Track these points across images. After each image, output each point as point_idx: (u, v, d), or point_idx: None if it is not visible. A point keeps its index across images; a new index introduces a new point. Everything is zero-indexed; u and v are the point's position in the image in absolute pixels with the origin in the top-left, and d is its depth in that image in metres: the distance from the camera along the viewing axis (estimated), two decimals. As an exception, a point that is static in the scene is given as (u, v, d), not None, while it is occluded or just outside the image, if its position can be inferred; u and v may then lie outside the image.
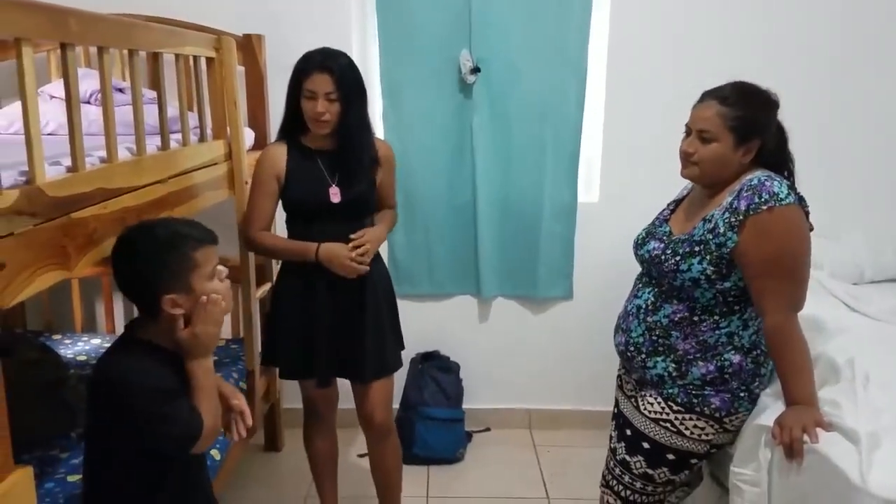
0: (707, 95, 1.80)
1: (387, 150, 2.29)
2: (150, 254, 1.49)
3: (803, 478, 1.60)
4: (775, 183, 1.71)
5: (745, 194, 1.71)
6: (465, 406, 3.16)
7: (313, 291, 2.19)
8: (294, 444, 3.15)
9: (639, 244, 1.95)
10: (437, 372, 3.08)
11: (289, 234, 2.26)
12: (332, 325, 2.20)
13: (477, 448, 3.17)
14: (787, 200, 1.68)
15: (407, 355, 2.53)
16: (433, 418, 2.97)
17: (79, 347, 2.86)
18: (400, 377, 2.62)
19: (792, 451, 1.61)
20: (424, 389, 3.00)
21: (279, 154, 2.19)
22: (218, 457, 2.30)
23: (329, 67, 2.06)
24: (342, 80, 2.07)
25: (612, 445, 2.00)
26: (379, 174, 2.26)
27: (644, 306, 1.87)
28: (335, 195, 2.16)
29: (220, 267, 1.58)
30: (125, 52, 1.80)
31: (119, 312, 3.11)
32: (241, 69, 2.73)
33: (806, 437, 1.60)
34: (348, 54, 2.16)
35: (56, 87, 2.48)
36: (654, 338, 1.84)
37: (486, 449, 3.16)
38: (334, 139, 2.16)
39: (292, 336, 2.24)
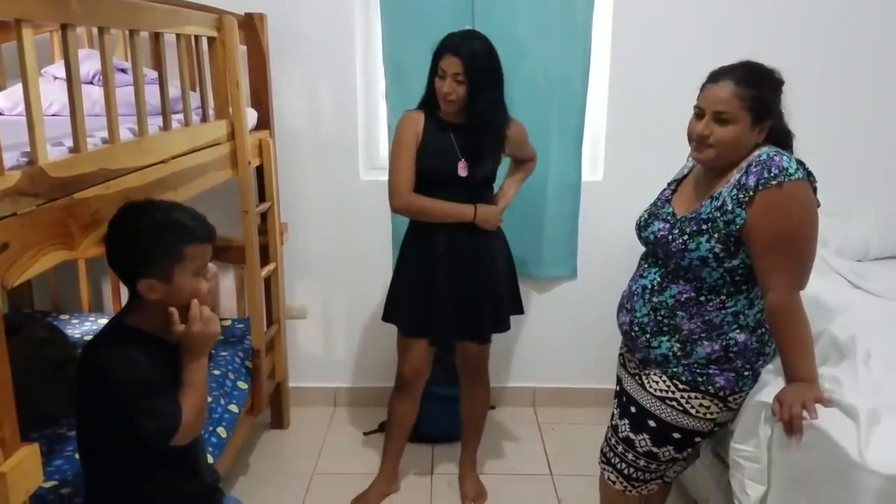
0: (720, 75, 1.75)
1: (517, 130, 2.43)
2: (140, 235, 1.49)
3: (803, 454, 1.61)
4: (784, 158, 1.68)
5: (753, 170, 1.69)
6: (469, 384, 3.18)
7: (437, 258, 2.37)
8: (300, 422, 3.20)
9: (642, 226, 1.93)
10: (443, 351, 3.09)
11: None
12: (454, 290, 2.38)
13: (481, 426, 3.19)
14: (797, 176, 1.66)
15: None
16: (438, 396, 2.98)
17: (86, 327, 2.88)
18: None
19: (791, 427, 1.61)
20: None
21: (418, 118, 2.35)
22: (224, 434, 2.33)
23: (460, 52, 2.21)
24: (471, 64, 2.20)
25: (613, 422, 2.00)
26: (507, 149, 2.43)
27: (650, 286, 1.86)
28: (463, 169, 2.32)
29: (211, 266, 1.58)
30: (126, 32, 1.79)
31: (126, 293, 3.13)
32: (243, 48, 2.72)
33: (805, 414, 1.60)
34: (486, 39, 2.28)
35: (59, 68, 2.48)
36: (660, 318, 1.84)
37: (491, 427, 3.18)
38: (465, 116, 2.31)
39: (414, 299, 2.41)
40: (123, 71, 2.29)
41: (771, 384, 1.74)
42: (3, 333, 1.22)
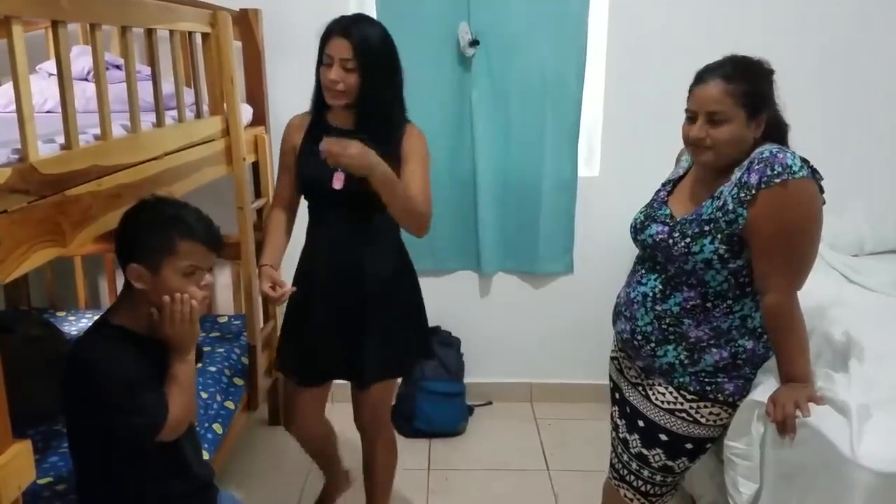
0: (707, 74, 1.69)
1: (417, 141, 1.99)
2: (144, 221, 1.53)
3: (795, 451, 1.60)
4: (788, 155, 1.63)
5: (756, 167, 1.63)
6: (466, 380, 3.19)
7: (317, 292, 2.04)
8: (297, 418, 3.20)
9: (638, 229, 1.85)
10: (438, 347, 3.09)
11: (308, 218, 2.10)
12: (332, 329, 2.04)
13: (478, 421, 3.20)
14: (801, 173, 1.61)
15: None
16: (434, 392, 3.00)
17: (83, 324, 2.88)
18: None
19: (785, 427, 1.61)
20: (425, 364, 3.02)
21: (299, 126, 2.06)
22: (220, 430, 2.33)
23: (349, 32, 1.85)
24: (362, 47, 1.84)
25: (621, 436, 1.90)
26: (401, 163, 1.96)
27: (651, 294, 1.79)
28: (338, 180, 1.90)
29: (207, 276, 1.57)
30: (119, 28, 1.79)
31: (122, 289, 3.13)
32: (237, 44, 2.72)
33: (798, 412, 1.59)
34: (382, 25, 1.95)
35: (55, 65, 2.47)
36: (664, 326, 1.76)
37: (488, 422, 3.19)
38: (354, 119, 1.95)
39: (294, 336, 2.14)
40: (119, 67, 2.28)
41: (764, 383, 1.73)
42: (-4, 330, 1.23)
